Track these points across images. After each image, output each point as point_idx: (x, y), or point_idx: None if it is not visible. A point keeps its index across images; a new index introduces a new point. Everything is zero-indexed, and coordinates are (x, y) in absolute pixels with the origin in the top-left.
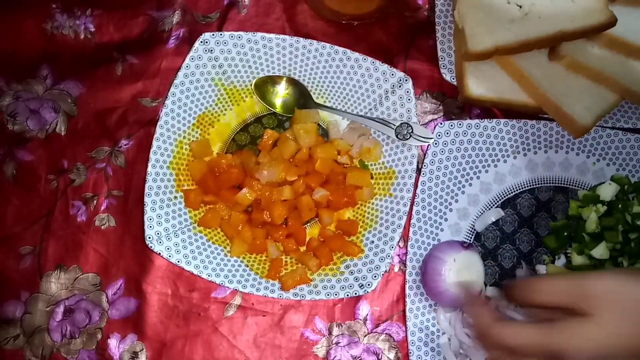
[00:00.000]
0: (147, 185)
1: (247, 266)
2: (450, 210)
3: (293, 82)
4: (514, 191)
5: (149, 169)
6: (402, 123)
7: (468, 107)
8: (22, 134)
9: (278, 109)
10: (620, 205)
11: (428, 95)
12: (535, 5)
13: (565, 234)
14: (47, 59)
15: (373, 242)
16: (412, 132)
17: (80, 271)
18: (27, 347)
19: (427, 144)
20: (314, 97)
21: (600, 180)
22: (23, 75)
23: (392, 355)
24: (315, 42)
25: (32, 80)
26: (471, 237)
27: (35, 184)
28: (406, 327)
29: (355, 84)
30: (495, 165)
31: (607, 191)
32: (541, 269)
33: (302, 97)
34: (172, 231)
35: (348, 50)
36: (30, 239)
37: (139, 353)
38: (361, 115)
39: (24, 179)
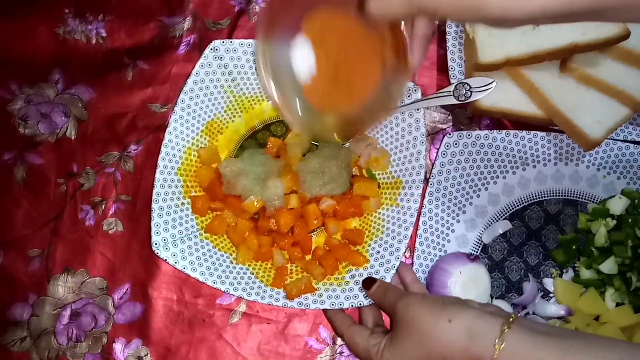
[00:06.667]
0: (154, 192)
1: (253, 274)
2: (458, 221)
3: None
4: (523, 203)
5: (157, 174)
6: (457, 84)
7: (477, 117)
8: (32, 138)
9: (339, 140)
10: (630, 220)
11: (437, 105)
12: None
13: (574, 247)
14: (59, 63)
15: (379, 252)
16: (470, 89)
17: (87, 275)
18: (33, 350)
19: (490, 90)
20: None
21: (610, 194)
22: (35, 80)
23: None
24: None
25: (43, 85)
26: (478, 249)
27: (45, 187)
28: None
29: None
30: (504, 177)
31: (617, 205)
32: (548, 282)
33: None
34: (178, 237)
35: None
36: (38, 242)
37: (144, 358)
38: (413, 102)
39: (33, 182)
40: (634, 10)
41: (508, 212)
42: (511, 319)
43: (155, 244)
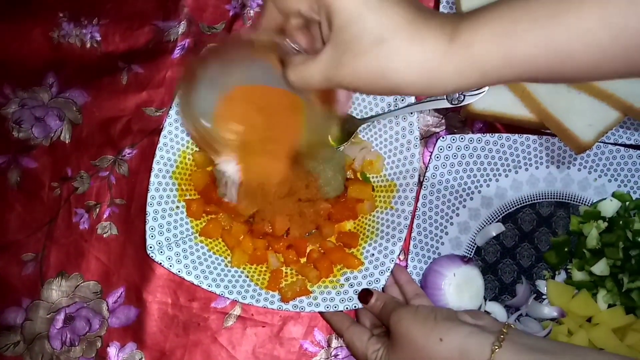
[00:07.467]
0: (149, 195)
1: (248, 277)
2: (451, 224)
3: None
4: (515, 206)
5: (152, 178)
6: None
7: (470, 121)
8: (27, 142)
9: (333, 143)
10: (621, 222)
11: (431, 108)
12: None
13: (566, 249)
14: (54, 67)
15: (373, 254)
16: (463, 92)
17: (82, 279)
18: (27, 354)
19: (482, 93)
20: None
21: (602, 197)
22: (29, 83)
23: None
24: None
25: (38, 88)
26: (472, 251)
27: (39, 191)
28: None
29: (357, 98)
30: (497, 180)
31: (609, 207)
32: (541, 284)
33: (346, 122)
34: (173, 241)
35: None
36: (32, 246)
37: None
38: (407, 106)
39: (27, 186)
40: (536, 80)
41: (501, 214)
42: (502, 336)
43: (150, 247)
